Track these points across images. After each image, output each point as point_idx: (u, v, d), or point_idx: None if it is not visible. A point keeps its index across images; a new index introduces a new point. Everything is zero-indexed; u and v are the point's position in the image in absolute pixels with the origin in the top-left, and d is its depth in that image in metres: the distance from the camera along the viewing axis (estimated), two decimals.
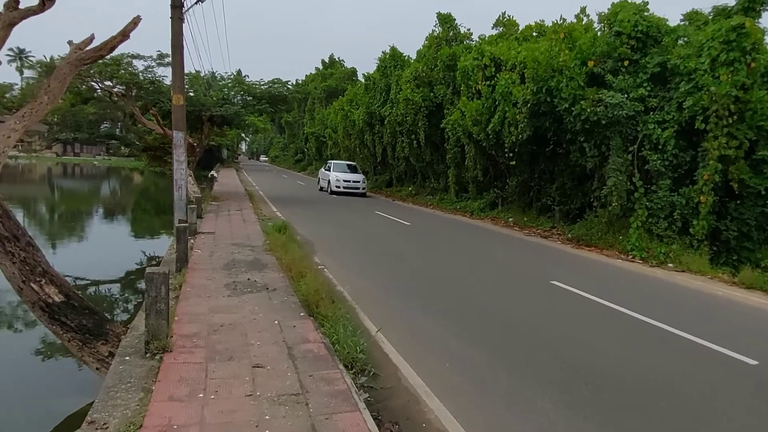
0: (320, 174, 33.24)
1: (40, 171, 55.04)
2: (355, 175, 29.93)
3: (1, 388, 6.75)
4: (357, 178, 29.50)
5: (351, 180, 29.10)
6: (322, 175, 32.47)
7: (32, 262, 5.33)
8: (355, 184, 29.03)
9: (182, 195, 12.85)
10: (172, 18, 13.63)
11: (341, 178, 28.97)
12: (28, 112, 6.62)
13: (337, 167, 30.55)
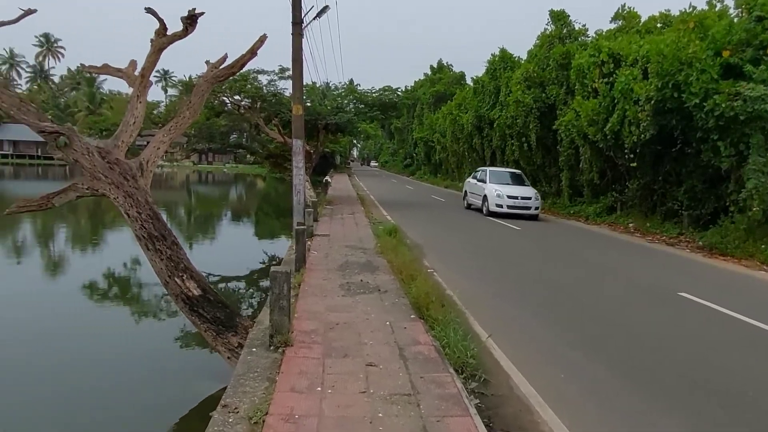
0: (467, 186, 23.85)
1: (179, 178, 61.14)
2: (524, 189, 20.54)
3: (149, 369, 7.60)
4: (527, 193, 20.12)
5: (519, 196, 19.78)
6: (470, 187, 23.16)
7: (176, 259, 5.96)
8: (524, 202, 19.70)
9: (300, 199, 13.58)
10: (293, 34, 14.49)
11: (505, 193, 19.84)
12: (174, 126, 7.40)
13: (495, 176, 21.24)
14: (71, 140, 5.80)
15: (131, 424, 5.85)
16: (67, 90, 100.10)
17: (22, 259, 15.70)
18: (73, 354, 8.08)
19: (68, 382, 7.01)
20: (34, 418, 6.02)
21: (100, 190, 5.96)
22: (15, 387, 6.81)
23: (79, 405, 6.36)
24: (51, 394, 6.60)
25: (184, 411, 6.03)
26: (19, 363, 7.63)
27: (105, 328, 9.67)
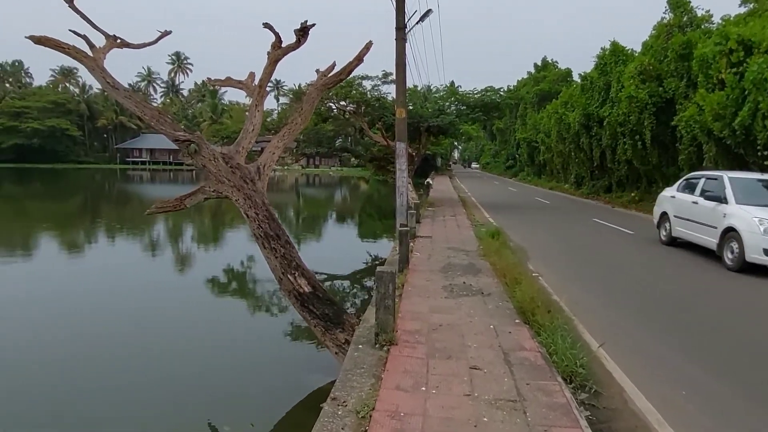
0: (670, 205, 13.59)
1: (289, 181, 64.54)
2: None
3: (262, 359, 8.11)
4: None
5: None
6: (678, 207, 13.18)
7: (289, 257, 6.31)
8: None
9: (403, 201, 13.74)
10: (396, 39, 14.70)
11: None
12: (287, 132, 7.83)
13: (746, 191, 11.24)
14: (200, 147, 6.35)
15: (245, 409, 6.26)
16: (194, 102, 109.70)
17: (156, 253, 17.43)
18: (195, 340, 8.84)
19: (189, 366, 7.67)
20: (157, 396, 6.66)
21: (223, 192, 6.46)
22: (152, 366, 7.58)
23: (197, 389, 6.93)
24: (171, 377, 7.26)
25: (295, 401, 6.35)
26: (152, 347, 8.49)
27: (223, 319, 10.45)
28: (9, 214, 28.63)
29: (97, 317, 10.02)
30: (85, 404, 6.39)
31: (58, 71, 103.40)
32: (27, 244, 18.49)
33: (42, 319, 9.76)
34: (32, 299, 11.02)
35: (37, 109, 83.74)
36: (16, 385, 6.90)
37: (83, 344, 8.51)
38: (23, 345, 8.44)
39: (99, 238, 20.43)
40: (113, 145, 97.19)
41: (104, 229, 22.86)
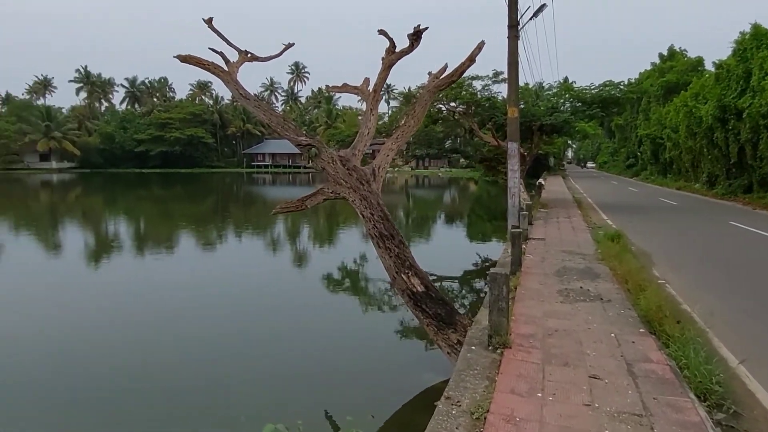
0: None
1: (399, 182, 65.58)
2: None
3: (375, 355, 8.32)
4: None
5: None
6: None
7: (402, 256, 6.42)
8: None
9: (515, 202, 13.36)
10: (508, 37, 14.35)
11: None
12: (400, 135, 7.97)
13: None
14: (320, 151, 6.68)
15: (362, 402, 6.46)
16: (311, 108, 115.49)
17: (277, 250, 18.60)
18: (313, 335, 9.30)
19: (308, 359, 8.09)
20: (278, 387, 7.09)
21: (341, 193, 6.74)
22: (276, 359, 8.12)
23: (315, 379, 7.28)
24: (293, 369, 7.69)
25: (408, 397, 6.44)
26: (276, 342, 9.08)
27: (338, 314, 10.89)
28: (157, 213, 32.20)
29: (227, 309, 10.94)
30: (212, 387, 7.00)
31: (195, 85, 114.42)
32: (171, 240, 20.66)
33: (188, 303, 10.88)
34: (180, 286, 12.33)
35: (179, 119, 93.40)
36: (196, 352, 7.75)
37: (215, 333, 9.33)
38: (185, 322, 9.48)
39: (228, 236, 22.27)
40: (240, 151, 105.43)
41: (233, 227, 24.87)
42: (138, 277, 13.95)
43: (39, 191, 50.24)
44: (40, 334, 9.12)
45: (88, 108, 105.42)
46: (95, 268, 15.47)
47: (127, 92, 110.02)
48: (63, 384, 7.08)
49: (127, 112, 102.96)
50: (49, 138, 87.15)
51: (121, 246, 19.30)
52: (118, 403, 6.49)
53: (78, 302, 11.27)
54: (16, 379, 7.22)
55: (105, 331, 9.40)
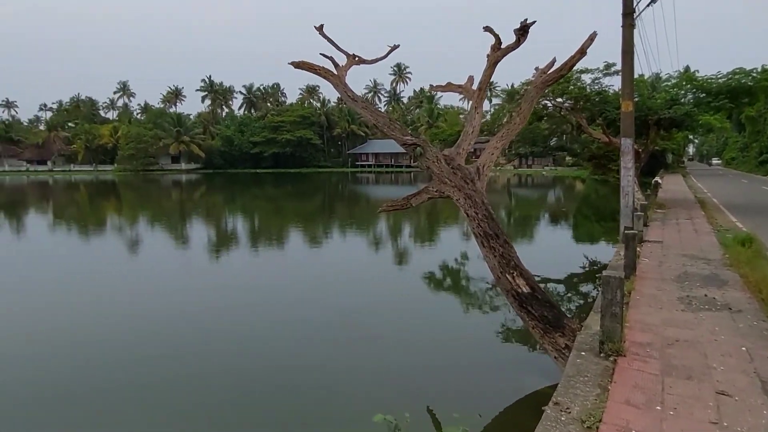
0: None
1: (501, 181, 64.01)
2: None
3: (478, 356, 8.19)
4: None
5: None
6: None
7: (507, 256, 6.25)
8: None
9: (629, 202, 12.48)
10: (623, 26, 13.42)
11: None
12: (505, 133, 7.77)
13: None
14: (425, 150, 6.71)
15: (463, 401, 6.40)
16: (413, 108, 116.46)
17: (380, 248, 18.98)
18: (415, 332, 9.37)
19: (412, 355, 8.16)
20: (383, 381, 7.21)
21: (445, 192, 6.72)
22: (379, 354, 8.30)
23: (418, 376, 7.32)
24: (397, 364, 7.79)
25: (512, 399, 6.27)
26: (379, 337, 9.27)
27: (437, 312, 10.87)
28: (271, 210, 34.30)
29: (330, 304, 11.37)
30: (323, 376, 7.31)
31: (304, 89, 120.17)
32: (282, 236, 21.89)
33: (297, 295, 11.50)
34: (289, 280, 13.07)
35: (289, 122, 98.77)
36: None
37: (328, 327, 9.74)
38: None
39: (333, 232, 23.12)
40: (345, 151, 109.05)
41: (338, 224, 25.80)
42: (253, 271, 14.97)
43: (171, 190, 55.71)
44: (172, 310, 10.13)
45: (212, 114, 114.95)
46: (217, 260, 16.82)
47: (244, 98, 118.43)
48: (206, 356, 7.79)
49: (244, 117, 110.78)
50: (179, 142, 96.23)
51: (237, 240, 20.82)
52: (244, 390, 7.00)
53: (198, 291, 12.34)
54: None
55: (229, 319, 10.20)
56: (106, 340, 8.81)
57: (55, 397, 6.66)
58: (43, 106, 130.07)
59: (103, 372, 7.43)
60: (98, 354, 8.12)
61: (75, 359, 7.98)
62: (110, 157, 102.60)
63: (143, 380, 7.10)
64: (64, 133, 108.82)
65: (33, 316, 10.27)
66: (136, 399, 6.59)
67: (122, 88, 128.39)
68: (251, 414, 6.14)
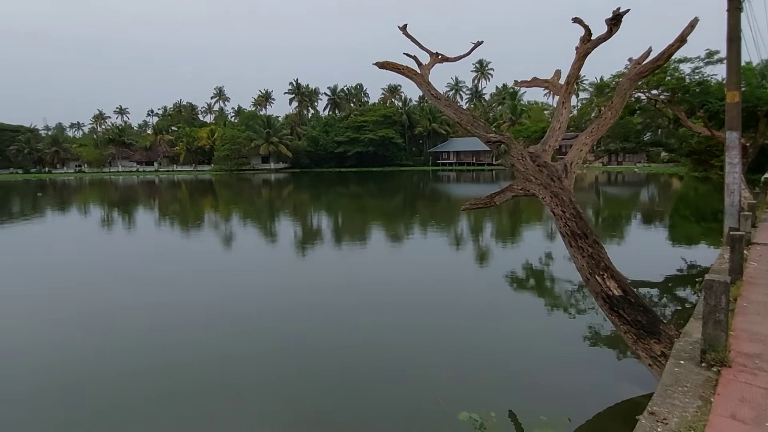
0: None
1: (588, 179, 60.95)
2: None
3: (563, 359, 7.87)
4: None
5: None
6: None
7: (597, 257, 5.94)
8: None
9: (734, 201, 11.42)
10: (728, 10, 12.29)
11: None
12: (595, 128, 7.39)
13: None
14: (509, 147, 6.54)
15: (549, 404, 6.17)
16: (495, 105, 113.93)
17: (461, 246, 18.77)
18: (497, 333, 9.18)
19: (491, 353, 8.00)
20: (468, 381, 7.13)
21: (530, 190, 6.51)
22: (465, 354, 8.23)
23: (499, 376, 7.16)
24: (475, 362, 7.68)
25: (602, 406, 5.97)
26: (462, 338, 9.18)
27: (520, 313, 10.55)
28: (354, 208, 35.07)
29: (411, 302, 11.43)
30: (406, 372, 7.37)
31: (386, 89, 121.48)
32: (364, 233, 22.30)
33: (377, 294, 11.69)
34: (369, 277, 13.31)
35: (372, 122, 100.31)
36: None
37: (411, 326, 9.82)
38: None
39: (415, 231, 23.18)
40: (426, 149, 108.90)
41: (419, 222, 25.84)
42: (338, 270, 15.39)
43: (261, 188, 58.59)
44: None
45: (298, 115, 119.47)
46: (303, 255, 17.48)
47: (329, 99, 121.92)
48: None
49: (329, 117, 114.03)
50: (269, 143, 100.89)
51: (323, 236, 21.49)
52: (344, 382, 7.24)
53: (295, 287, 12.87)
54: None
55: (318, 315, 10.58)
56: (206, 338, 9.42)
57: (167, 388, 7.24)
58: (150, 112, 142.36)
59: (209, 367, 7.96)
60: (191, 353, 8.60)
61: (181, 355, 8.63)
62: (207, 158, 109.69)
63: (257, 375, 7.45)
64: (168, 137, 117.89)
65: (142, 310, 11.22)
66: (260, 390, 6.99)
67: (218, 93, 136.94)
68: (345, 410, 6.31)
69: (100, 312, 10.58)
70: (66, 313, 10.64)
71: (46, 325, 9.93)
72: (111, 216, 32.28)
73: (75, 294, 12.30)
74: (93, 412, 6.32)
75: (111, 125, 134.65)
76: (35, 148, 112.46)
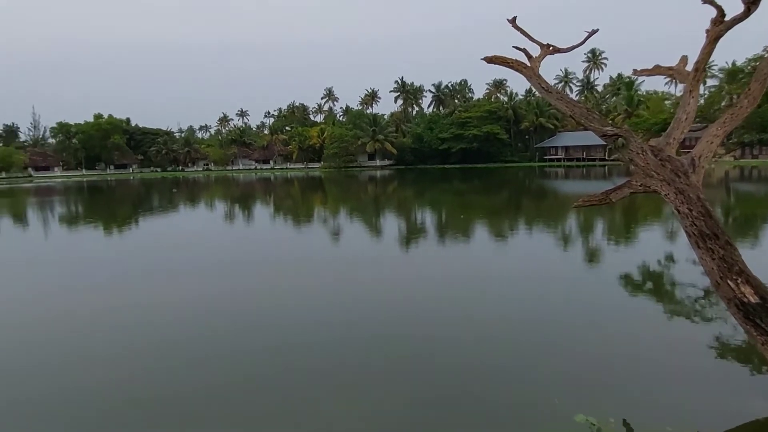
0: None
1: (717, 175, 54.87)
2: None
3: (686, 370, 7.20)
4: None
5: None
6: None
7: (729, 260, 5.34)
8: None
9: None
10: None
11: None
12: (729, 118, 6.65)
13: None
14: (628, 141, 6.11)
15: (673, 415, 5.70)
16: (608, 96, 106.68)
17: (569, 245, 17.86)
18: (609, 335, 8.63)
19: (602, 359, 7.54)
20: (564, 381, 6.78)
21: (651, 186, 6.02)
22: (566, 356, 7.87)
23: (609, 382, 6.73)
24: (589, 366, 7.27)
25: (731, 423, 5.39)
26: (563, 338, 8.77)
27: (635, 317, 9.79)
28: (458, 204, 34.85)
29: (512, 301, 11.11)
30: (516, 372, 7.20)
31: (491, 84, 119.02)
32: (468, 230, 22.05)
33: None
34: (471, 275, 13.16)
35: (476, 117, 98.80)
36: None
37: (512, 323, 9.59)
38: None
39: (520, 227, 22.47)
40: (533, 145, 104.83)
41: (524, 219, 25.00)
42: (444, 265, 15.40)
43: (367, 184, 60.26)
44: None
45: (403, 113, 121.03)
46: (407, 251, 17.71)
47: (433, 96, 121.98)
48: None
49: (433, 114, 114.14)
50: (375, 140, 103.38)
51: (426, 232, 21.61)
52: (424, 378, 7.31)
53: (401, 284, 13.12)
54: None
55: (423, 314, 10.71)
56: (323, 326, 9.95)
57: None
58: (267, 114, 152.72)
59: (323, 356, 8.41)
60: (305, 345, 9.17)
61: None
62: (318, 156, 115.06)
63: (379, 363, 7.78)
64: (282, 136, 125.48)
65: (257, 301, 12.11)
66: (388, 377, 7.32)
67: (328, 94, 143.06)
68: (462, 409, 6.35)
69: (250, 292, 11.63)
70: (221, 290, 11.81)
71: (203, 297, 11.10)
72: (233, 210, 35.15)
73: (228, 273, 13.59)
74: (245, 378, 6.98)
75: (233, 127, 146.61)
76: (171, 149, 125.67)
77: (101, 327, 9.61)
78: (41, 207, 39.87)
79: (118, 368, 7.53)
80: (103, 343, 8.67)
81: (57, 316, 10.44)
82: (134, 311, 10.58)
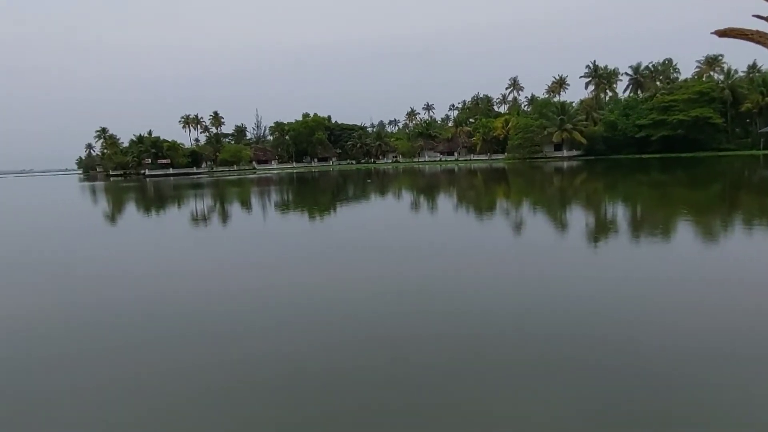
0: None
1: None
2: None
3: None
4: None
5: None
6: None
7: None
8: None
9: None
10: None
11: None
12: None
13: None
14: None
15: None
16: None
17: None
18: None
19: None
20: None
21: None
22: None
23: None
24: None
25: None
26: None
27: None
28: (655, 198, 31.39)
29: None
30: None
31: (703, 62, 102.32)
32: (666, 228, 19.84)
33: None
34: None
35: (682, 101, 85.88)
36: None
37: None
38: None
39: (736, 227, 19.44)
40: (757, 130, 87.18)
41: (742, 219, 21.49)
42: (633, 266, 14.32)
43: (553, 175, 57.57)
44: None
45: (594, 99, 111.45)
46: (598, 251, 16.77)
47: (630, 79, 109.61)
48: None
49: (629, 99, 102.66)
50: (562, 130, 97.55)
51: (617, 230, 20.08)
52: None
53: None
54: None
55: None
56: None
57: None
58: (451, 106, 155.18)
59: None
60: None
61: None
62: (501, 147, 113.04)
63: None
64: (467, 128, 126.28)
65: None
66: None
67: (512, 84, 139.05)
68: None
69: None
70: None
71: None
72: (420, 201, 37.01)
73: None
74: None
75: (420, 120, 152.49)
76: (364, 143, 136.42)
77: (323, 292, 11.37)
78: (261, 195, 47.25)
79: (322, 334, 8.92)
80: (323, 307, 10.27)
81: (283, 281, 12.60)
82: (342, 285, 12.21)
